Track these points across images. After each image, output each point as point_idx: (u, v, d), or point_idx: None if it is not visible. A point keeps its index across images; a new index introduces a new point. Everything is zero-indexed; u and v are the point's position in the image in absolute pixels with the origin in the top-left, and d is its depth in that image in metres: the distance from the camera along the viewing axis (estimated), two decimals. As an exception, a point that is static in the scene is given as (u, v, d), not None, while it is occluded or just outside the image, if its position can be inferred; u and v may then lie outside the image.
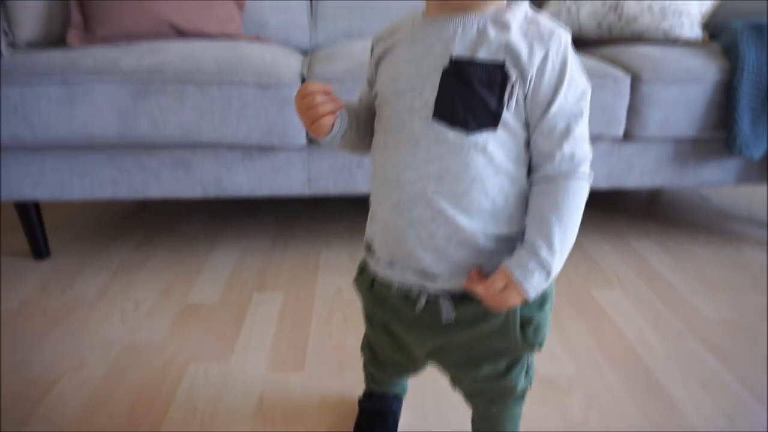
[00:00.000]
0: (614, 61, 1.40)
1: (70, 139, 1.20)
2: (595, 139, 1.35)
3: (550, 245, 0.57)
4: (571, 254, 0.58)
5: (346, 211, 1.72)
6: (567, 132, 0.57)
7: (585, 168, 0.59)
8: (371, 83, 0.68)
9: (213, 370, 1.03)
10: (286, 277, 1.37)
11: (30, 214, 1.36)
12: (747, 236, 1.62)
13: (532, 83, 0.56)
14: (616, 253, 1.51)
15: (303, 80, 1.27)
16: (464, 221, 0.59)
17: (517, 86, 0.56)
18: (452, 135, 0.57)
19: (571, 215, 0.57)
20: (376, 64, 0.66)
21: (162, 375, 1.01)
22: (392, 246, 0.64)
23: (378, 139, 0.64)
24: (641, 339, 1.14)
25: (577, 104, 0.57)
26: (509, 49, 0.56)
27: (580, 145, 0.58)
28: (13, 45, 1.38)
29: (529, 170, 0.61)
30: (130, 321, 1.19)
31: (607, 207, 1.79)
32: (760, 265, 1.45)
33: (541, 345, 0.67)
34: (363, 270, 0.73)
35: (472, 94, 0.56)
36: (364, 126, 0.68)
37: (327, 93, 0.62)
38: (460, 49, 0.57)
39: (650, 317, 1.21)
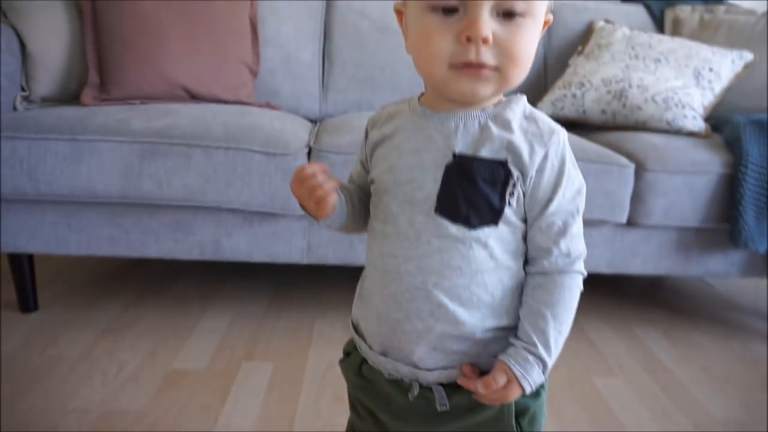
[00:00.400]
0: (618, 149, 1.41)
1: (73, 195, 1.20)
2: (598, 224, 1.34)
3: (546, 342, 0.57)
4: (572, 339, 0.58)
5: (345, 281, 1.69)
6: (564, 230, 0.58)
7: (580, 264, 0.60)
8: (365, 166, 0.68)
9: (192, 446, 0.98)
10: (277, 346, 1.33)
11: (22, 266, 1.34)
12: (753, 329, 1.58)
13: (532, 181, 0.57)
14: (618, 339, 1.46)
15: (310, 150, 1.28)
16: (463, 315, 0.58)
17: (518, 184, 0.57)
18: (454, 229, 0.57)
19: (566, 311, 0.58)
20: (372, 149, 0.65)
21: (137, 449, 0.96)
22: (385, 337, 0.63)
23: (376, 226, 0.64)
24: (645, 437, 1.08)
25: (573, 201, 0.58)
26: (511, 148, 0.57)
27: (575, 243, 0.59)
28: (28, 100, 1.40)
29: (525, 260, 0.61)
30: (111, 385, 1.14)
31: (610, 291, 1.76)
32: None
33: None
34: (349, 353, 0.71)
35: (475, 190, 0.56)
36: (359, 207, 0.68)
37: (324, 172, 0.62)
38: (462, 144, 0.58)
39: (655, 411, 1.16)
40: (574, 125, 1.58)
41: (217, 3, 1.55)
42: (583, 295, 0.60)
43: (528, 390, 0.57)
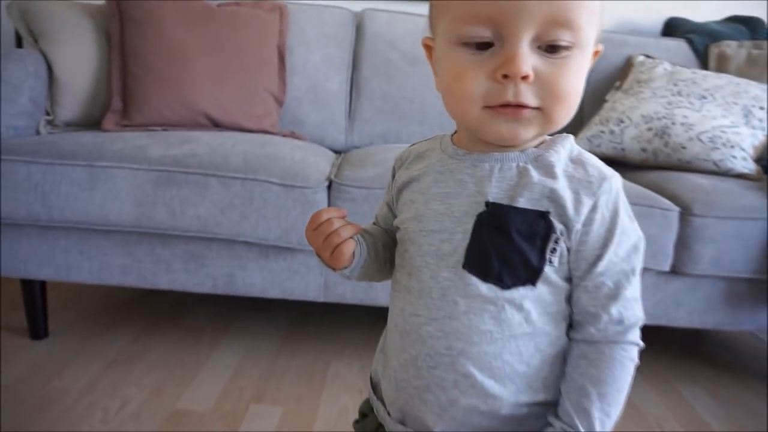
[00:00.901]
0: (661, 190, 1.31)
1: (86, 222, 1.17)
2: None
3: (590, 425, 0.49)
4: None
5: (365, 319, 1.61)
6: (615, 293, 0.50)
7: (635, 334, 0.51)
8: (392, 208, 0.62)
9: (187, 499, 0.90)
10: (288, 388, 1.25)
11: (34, 292, 1.31)
12: (811, 393, 1.43)
13: (578, 236, 0.49)
14: (659, 398, 1.34)
15: (330, 184, 1.23)
16: (493, 388, 0.50)
17: (561, 239, 0.49)
18: (485, 288, 0.50)
19: (617, 389, 0.50)
20: (399, 192, 0.59)
21: (128, 500, 0.89)
22: (404, 406, 0.55)
23: (399, 278, 0.56)
24: None
25: (627, 260, 0.50)
26: (554, 197, 0.49)
27: (630, 308, 0.50)
28: (51, 124, 1.40)
29: (569, 323, 0.53)
30: (111, 423, 1.08)
31: (650, 344, 1.62)
32: (830, 432, 1.25)
33: None
34: (366, 414, 0.63)
35: (510, 245, 0.49)
36: (383, 253, 0.61)
37: (342, 217, 0.56)
38: (496, 191, 0.50)
39: (701, 487, 1.03)
40: (612, 163, 1.48)
41: (245, 32, 1.54)
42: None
43: None
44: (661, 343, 1.64)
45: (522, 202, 0.49)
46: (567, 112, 0.48)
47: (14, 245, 1.21)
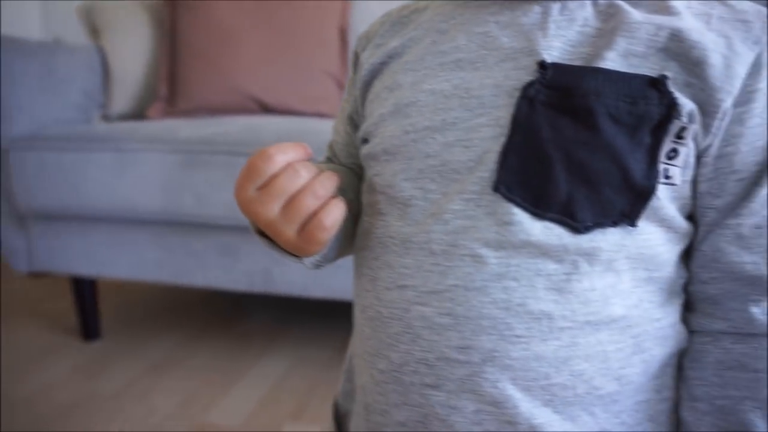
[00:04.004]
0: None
1: (115, 212, 1.09)
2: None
3: None
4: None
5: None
6: None
7: None
8: (356, 122, 0.39)
9: None
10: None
11: (84, 291, 1.26)
12: None
13: (726, 123, 0.25)
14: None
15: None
16: (552, 425, 0.26)
17: (690, 130, 0.25)
18: (539, 230, 0.26)
19: None
20: (366, 84, 0.36)
21: None
22: None
23: (369, 227, 0.34)
24: None
25: None
26: (679, 48, 0.25)
27: None
28: (106, 117, 1.37)
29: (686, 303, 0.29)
30: (131, 435, 0.97)
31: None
32: None
33: None
34: None
35: (592, 143, 0.25)
36: (356, 207, 0.38)
37: (307, 156, 0.32)
38: (560, 46, 0.27)
39: None
40: None
41: (302, 12, 1.41)
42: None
43: None
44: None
45: (613, 60, 0.25)
46: None
47: (54, 240, 1.17)
